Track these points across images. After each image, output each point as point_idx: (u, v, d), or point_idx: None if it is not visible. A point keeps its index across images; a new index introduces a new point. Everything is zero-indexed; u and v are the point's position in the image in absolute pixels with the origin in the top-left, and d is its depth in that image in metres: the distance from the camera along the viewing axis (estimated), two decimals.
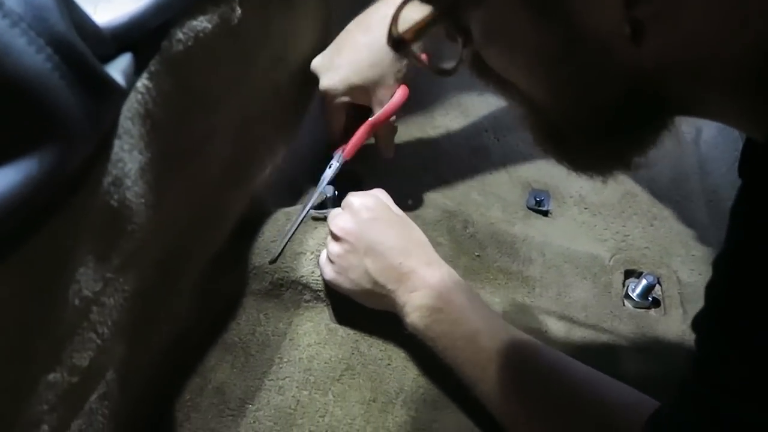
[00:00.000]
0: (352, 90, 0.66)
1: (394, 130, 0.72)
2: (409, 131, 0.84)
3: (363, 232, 0.54)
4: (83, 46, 0.28)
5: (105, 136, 0.32)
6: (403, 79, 0.67)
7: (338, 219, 0.56)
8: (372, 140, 0.72)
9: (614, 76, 0.32)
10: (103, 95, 0.29)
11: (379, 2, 0.68)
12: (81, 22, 0.29)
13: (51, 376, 0.33)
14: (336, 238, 0.55)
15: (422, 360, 0.57)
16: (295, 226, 0.61)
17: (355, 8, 0.69)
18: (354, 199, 0.57)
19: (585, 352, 0.60)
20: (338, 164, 0.67)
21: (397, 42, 0.38)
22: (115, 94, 0.31)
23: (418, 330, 0.53)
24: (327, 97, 0.68)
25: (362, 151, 0.69)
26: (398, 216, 0.58)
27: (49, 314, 0.32)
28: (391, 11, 0.61)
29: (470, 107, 0.91)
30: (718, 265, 0.35)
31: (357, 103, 0.68)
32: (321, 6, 0.67)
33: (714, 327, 0.35)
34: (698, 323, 0.37)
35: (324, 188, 0.65)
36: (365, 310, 0.59)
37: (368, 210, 0.56)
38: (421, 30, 0.37)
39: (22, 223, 0.27)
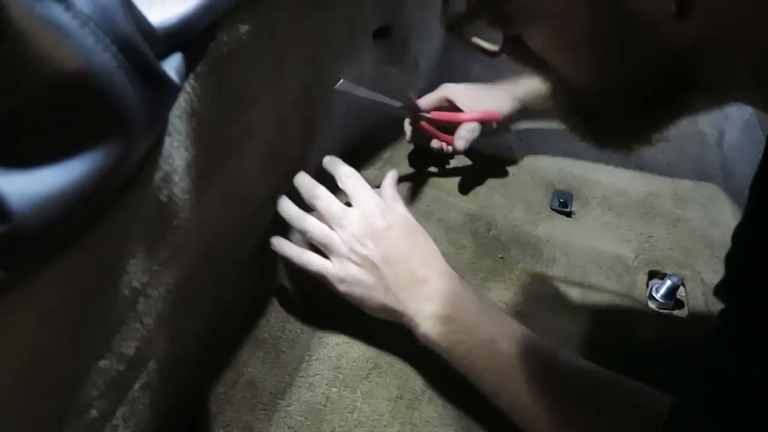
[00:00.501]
0: (467, 89, 0.78)
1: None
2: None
3: (378, 243, 0.53)
4: (144, 46, 0.29)
5: (158, 132, 0.34)
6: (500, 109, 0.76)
7: (352, 226, 0.54)
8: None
9: (655, 54, 0.33)
10: (161, 92, 0.31)
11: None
12: (139, 22, 0.31)
13: (101, 363, 0.34)
14: (350, 247, 0.54)
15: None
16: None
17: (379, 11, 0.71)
18: (368, 204, 0.55)
19: (608, 353, 0.61)
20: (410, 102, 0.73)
21: (450, 25, 0.40)
22: (171, 92, 0.32)
23: (431, 340, 0.52)
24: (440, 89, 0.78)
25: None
26: (410, 223, 0.57)
27: (102, 303, 0.33)
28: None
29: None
30: (737, 235, 0.36)
31: (451, 108, 0.77)
32: (352, 7, 0.68)
33: (734, 294, 0.36)
34: (720, 292, 0.38)
35: None
36: None
37: (383, 218, 0.55)
38: (472, 13, 0.39)
39: (86, 214, 0.28)
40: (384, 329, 0.58)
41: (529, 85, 0.76)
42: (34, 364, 0.29)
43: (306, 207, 0.58)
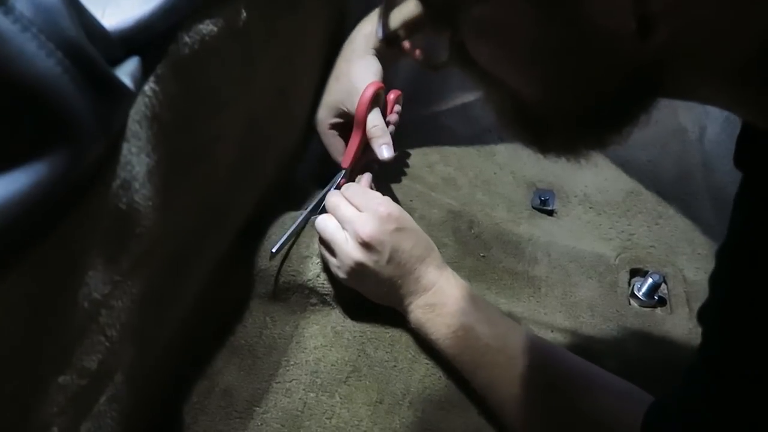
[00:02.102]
0: (331, 111, 0.68)
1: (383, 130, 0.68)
2: (413, 132, 0.84)
3: (389, 242, 0.55)
4: (93, 50, 0.28)
5: (113, 140, 0.33)
6: (377, 77, 0.66)
7: (365, 225, 0.55)
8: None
9: (615, 68, 0.32)
10: (112, 98, 0.30)
11: (361, 23, 0.69)
12: (90, 25, 0.30)
13: (60, 379, 0.33)
14: (362, 243, 0.55)
15: (428, 361, 0.57)
16: (291, 230, 0.60)
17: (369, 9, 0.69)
18: (381, 207, 0.56)
19: (591, 351, 0.60)
20: (340, 176, 0.67)
21: (391, 38, 0.39)
22: (124, 97, 0.31)
23: (420, 325, 0.56)
24: (318, 129, 0.70)
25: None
26: (414, 224, 0.59)
27: (58, 317, 0.32)
28: (371, 29, 0.61)
29: (473, 108, 0.90)
30: (721, 255, 0.35)
31: (345, 122, 0.68)
32: (327, 7, 0.67)
33: (718, 317, 0.36)
34: (703, 314, 0.37)
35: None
36: (371, 314, 0.59)
37: (395, 220, 0.56)
38: (415, 26, 0.37)
39: (33, 226, 0.27)
40: (364, 330, 0.58)
41: (364, 38, 0.68)
42: None
43: None
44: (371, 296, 0.59)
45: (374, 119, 0.65)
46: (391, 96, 0.71)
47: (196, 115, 0.43)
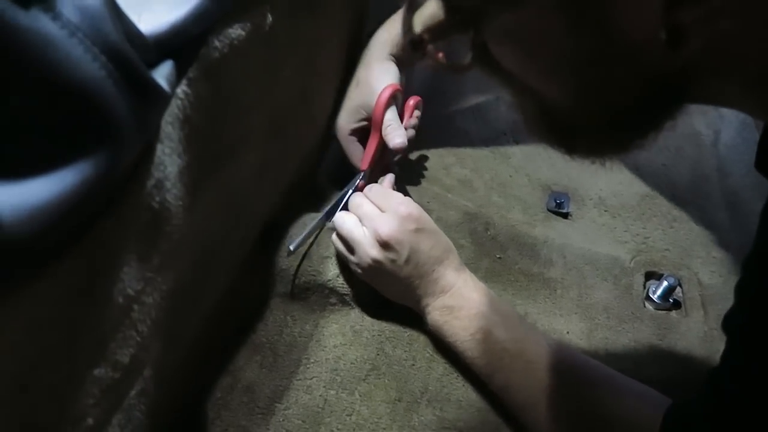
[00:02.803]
0: (351, 116, 0.69)
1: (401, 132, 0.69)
2: (429, 135, 0.85)
3: (408, 242, 0.55)
4: (133, 54, 0.29)
5: (149, 141, 0.34)
6: (396, 80, 0.68)
7: (385, 224, 0.56)
8: None
9: (642, 76, 0.32)
10: (150, 101, 0.31)
11: (379, 30, 0.71)
12: (129, 30, 0.31)
13: (97, 371, 0.34)
14: (380, 242, 0.55)
15: (446, 361, 0.58)
16: (309, 229, 0.61)
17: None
18: (401, 207, 0.57)
19: (606, 353, 0.61)
20: (358, 178, 0.68)
21: (415, 42, 0.39)
22: (161, 100, 0.32)
23: (437, 327, 0.56)
24: (338, 136, 0.71)
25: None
26: (434, 224, 0.60)
27: (95, 311, 0.33)
28: (388, 36, 0.61)
29: (489, 111, 0.91)
30: (747, 264, 0.36)
31: (365, 127, 0.70)
32: (348, 11, 0.68)
33: (744, 325, 0.36)
34: (728, 321, 0.37)
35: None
36: (390, 313, 0.60)
37: (414, 220, 0.57)
38: (441, 30, 0.37)
39: (78, 222, 0.28)
40: (382, 329, 0.59)
41: (386, 40, 0.70)
42: (28, 373, 0.29)
43: None
44: (387, 294, 0.59)
45: (390, 117, 0.66)
46: (411, 102, 0.72)
47: (224, 117, 0.44)
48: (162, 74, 0.33)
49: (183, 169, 0.39)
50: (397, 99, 0.69)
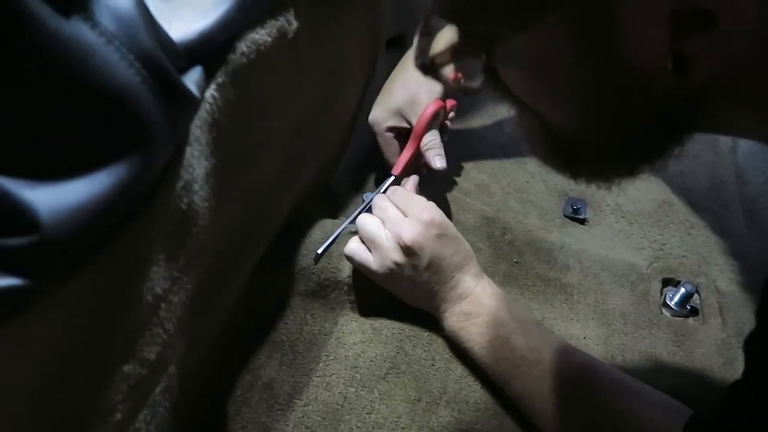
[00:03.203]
0: (391, 115, 0.71)
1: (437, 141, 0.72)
2: (447, 140, 0.85)
3: (430, 248, 0.56)
4: (166, 61, 0.30)
5: (179, 144, 0.35)
6: (439, 95, 0.69)
7: (408, 229, 0.56)
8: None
9: (650, 103, 0.32)
10: (181, 106, 0.32)
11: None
12: (161, 38, 0.32)
13: (126, 368, 0.35)
14: (403, 247, 0.55)
15: (465, 362, 0.58)
16: (337, 232, 0.62)
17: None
18: (425, 213, 0.57)
19: (622, 359, 0.61)
20: (389, 182, 0.69)
21: (427, 66, 0.39)
22: (192, 105, 0.33)
23: (454, 333, 0.57)
24: (374, 128, 0.72)
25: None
26: (450, 227, 0.60)
27: (125, 309, 0.34)
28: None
29: (506, 117, 0.92)
30: None
31: (402, 127, 0.71)
32: (369, 17, 0.69)
33: (766, 349, 0.35)
34: (751, 344, 0.37)
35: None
36: (409, 312, 0.60)
37: (437, 226, 0.57)
38: (453, 54, 0.38)
39: (112, 222, 0.29)
40: (402, 328, 0.60)
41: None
42: (62, 369, 0.30)
43: None
44: (404, 297, 0.60)
45: (431, 136, 0.69)
46: (448, 105, 0.73)
47: (249, 120, 0.45)
48: (192, 80, 0.34)
49: (210, 171, 0.40)
50: (439, 115, 0.70)
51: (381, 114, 0.72)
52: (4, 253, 0.24)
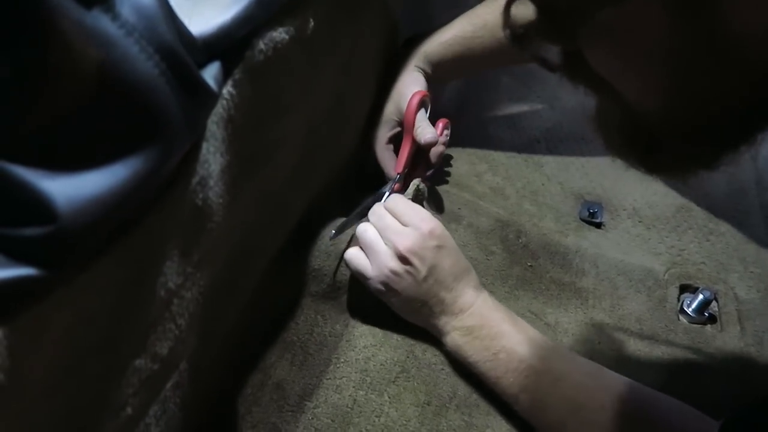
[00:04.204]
0: (386, 125, 0.72)
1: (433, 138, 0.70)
2: (462, 142, 0.85)
3: (429, 258, 0.55)
4: (185, 54, 0.30)
5: (196, 138, 0.35)
6: (422, 87, 0.70)
7: (406, 238, 0.55)
8: None
9: (749, 80, 0.30)
10: (199, 100, 0.32)
11: (409, 43, 0.74)
12: (180, 31, 0.32)
13: (137, 362, 0.35)
14: (400, 256, 0.55)
15: None
16: (348, 219, 0.63)
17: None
18: (424, 223, 0.56)
19: (638, 365, 0.60)
20: (393, 181, 0.69)
21: (519, 37, 0.36)
22: (210, 99, 0.33)
23: (457, 348, 0.56)
24: (376, 146, 0.73)
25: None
26: (449, 239, 0.59)
27: (139, 303, 0.34)
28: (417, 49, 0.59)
29: (522, 119, 0.91)
30: None
31: (399, 132, 0.72)
32: (386, 17, 0.69)
33: None
34: None
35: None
36: None
37: (437, 237, 0.56)
38: (538, 30, 0.36)
39: (128, 215, 0.29)
40: (412, 331, 0.59)
41: (430, 46, 0.72)
42: (75, 361, 0.30)
43: None
44: (400, 310, 0.58)
45: (421, 118, 0.68)
46: (440, 124, 0.73)
47: (265, 118, 0.45)
48: (210, 74, 0.34)
49: (225, 167, 0.40)
50: (425, 104, 0.70)
51: (379, 131, 0.72)
52: (21, 243, 0.24)
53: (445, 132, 0.74)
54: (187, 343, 0.42)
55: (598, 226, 0.76)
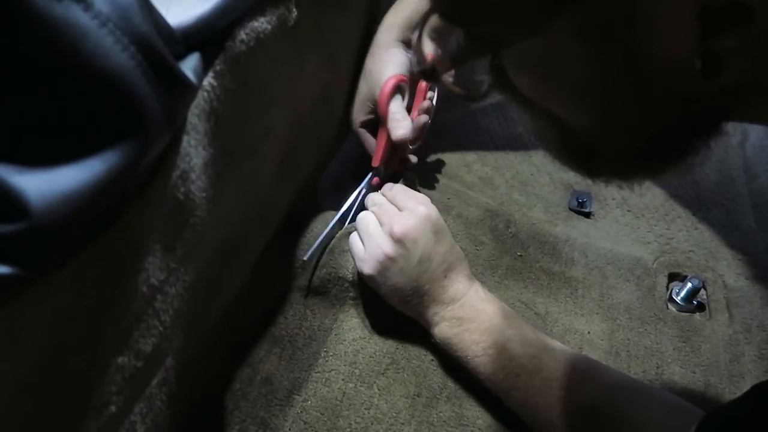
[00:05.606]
0: (361, 107, 0.68)
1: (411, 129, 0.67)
2: (451, 132, 0.85)
3: (423, 241, 0.54)
4: (162, 46, 0.29)
5: (176, 132, 0.34)
6: (401, 69, 0.66)
7: (401, 221, 0.55)
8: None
9: (673, 104, 0.30)
10: (178, 92, 0.31)
11: (386, 15, 0.68)
12: (158, 22, 0.31)
13: (120, 359, 0.35)
14: (395, 239, 0.54)
15: None
16: (323, 236, 0.61)
17: None
18: (421, 207, 0.56)
19: (627, 354, 0.60)
20: (370, 174, 0.68)
21: (427, 72, 0.36)
22: (188, 92, 0.32)
23: (446, 340, 0.54)
24: (353, 127, 0.70)
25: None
26: (443, 228, 0.58)
27: (120, 300, 0.33)
28: (394, 20, 0.56)
29: (510, 108, 0.91)
30: None
31: (373, 119, 0.68)
32: (370, 6, 0.68)
33: None
34: None
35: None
36: None
37: (433, 223, 0.56)
38: (459, 60, 0.35)
39: (105, 210, 0.29)
40: (402, 324, 0.59)
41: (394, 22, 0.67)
42: (54, 359, 0.29)
43: None
44: (392, 299, 0.57)
45: (394, 107, 0.64)
46: (423, 84, 0.69)
47: (248, 110, 0.44)
48: (189, 66, 0.34)
49: (208, 161, 0.39)
50: (402, 89, 0.66)
51: (354, 112, 0.69)
52: None
53: (429, 94, 0.70)
54: (173, 340, 0.42)
55: (588, 215, 0.76)
